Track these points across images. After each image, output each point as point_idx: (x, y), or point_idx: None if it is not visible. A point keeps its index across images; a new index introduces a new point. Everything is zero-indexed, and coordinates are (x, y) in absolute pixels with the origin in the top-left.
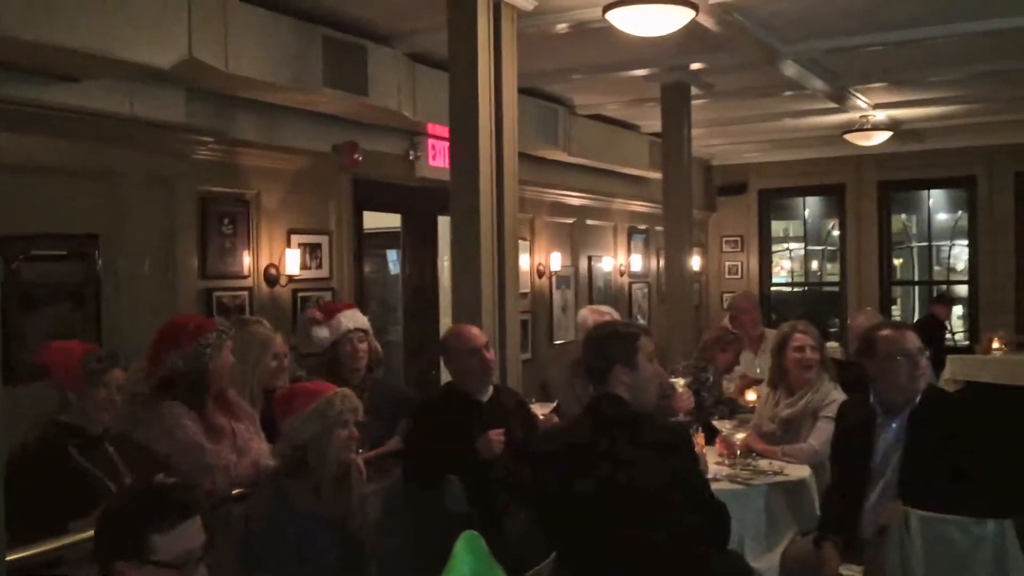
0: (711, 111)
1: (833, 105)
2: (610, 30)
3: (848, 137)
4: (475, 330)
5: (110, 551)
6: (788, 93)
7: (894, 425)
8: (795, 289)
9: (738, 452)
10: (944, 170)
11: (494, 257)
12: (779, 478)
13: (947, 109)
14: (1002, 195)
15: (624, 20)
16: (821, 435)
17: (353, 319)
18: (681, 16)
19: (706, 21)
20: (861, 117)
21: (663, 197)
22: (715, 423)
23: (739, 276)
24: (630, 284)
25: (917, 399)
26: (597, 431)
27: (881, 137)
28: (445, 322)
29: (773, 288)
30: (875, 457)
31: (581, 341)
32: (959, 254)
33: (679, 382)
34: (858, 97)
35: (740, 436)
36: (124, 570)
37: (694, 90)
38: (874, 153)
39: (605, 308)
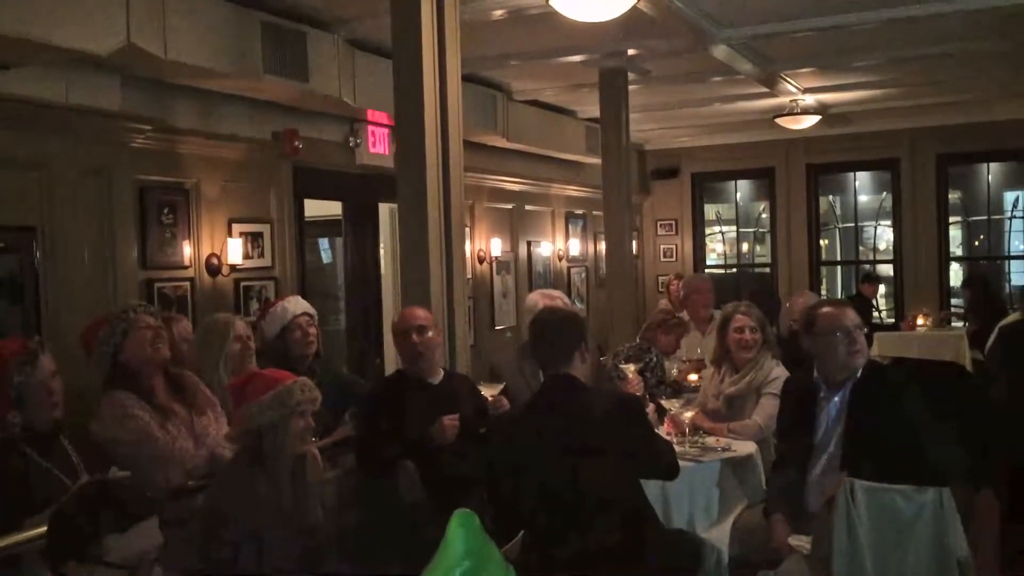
0: (645, 96)
1: (764, 90)
2: (548, 16)
3: (779, 121)
4: (414, 311)
5: (62, 550)
6: (721, 78)
7: (836, 399)
8: (728, 271)
9: (686, 431)
10: (869, 152)
11: (441, 244)
12: (727, 454)
13: (872, 93)
14: (924, 176)
15: (568, 5)
16: (764, 412)
17: (297, 304)
18: (624, 1)
19: (644, 6)
20: (791, 101)
21: (602, 182)
22: (663, 402)
23: (674, 259)
24: (568, 268)
25: (858, 373)
26: (557, 412)
27: (810, 121)
28: (387, 309)
29: (707, 270)
30: (818, 431)
31: (530, 324)
32: (882, 234)
33: (630, 368)
34: (788, 82)
35: (688, 415)
36: (76, 570)
37: (631, 76)
38: (802, 137)
39: (556, 292)
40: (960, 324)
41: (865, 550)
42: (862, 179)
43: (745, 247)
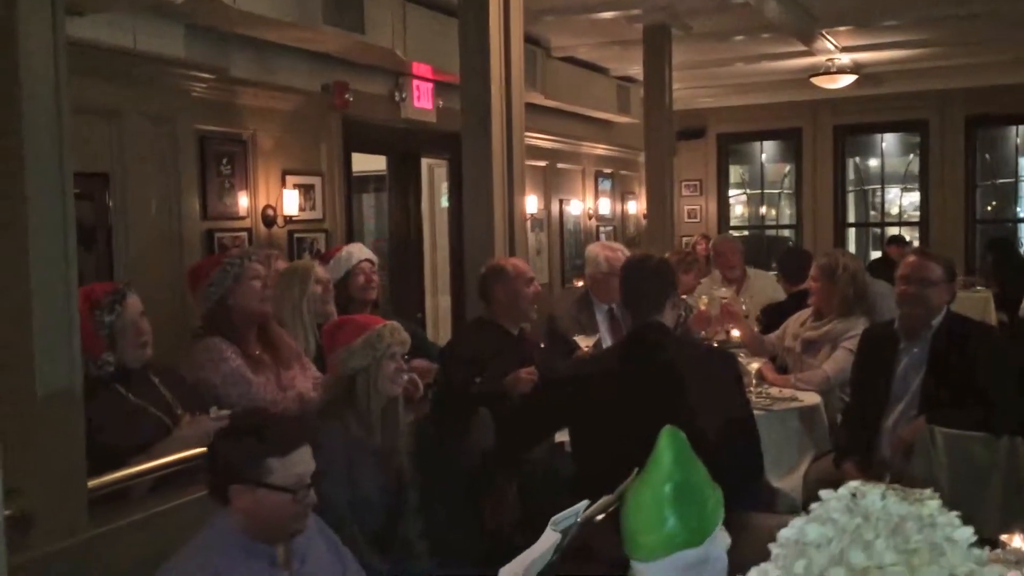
0: (679, 55)
1: (801, 48)
2: None
3: (814, 80)
4: (520, 262)
5: (227, 474)
6: (761, 35)
7: (916, 350)
8: (751, 232)
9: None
10: (898, 114)
11: (505, 200)
12: (795, 404)
13: (906, 53)
14: (953, 138)
15: None
16: (836, 363)
17: (362, 250)
18: None
19: None
20: (827, 60)
21: (645, 141)
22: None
23: (698, 220)
24: (597, 227)
25: (934, 323)
26: (649, 359)
27: (846, 80)
28: (429, 264)
29: (731, 231)
30: (895, 380)
31: (622, 269)
32: (908, 197)
33: (703, 299)
34: (827, 39)
35: (755, 365)
36: (239, 492)
37: (673, 32)
38: (830, 98)
39: (616, 244)
40: (983, 287)
41: (945, 495)
42: (889, 141)
43: (763, 210)
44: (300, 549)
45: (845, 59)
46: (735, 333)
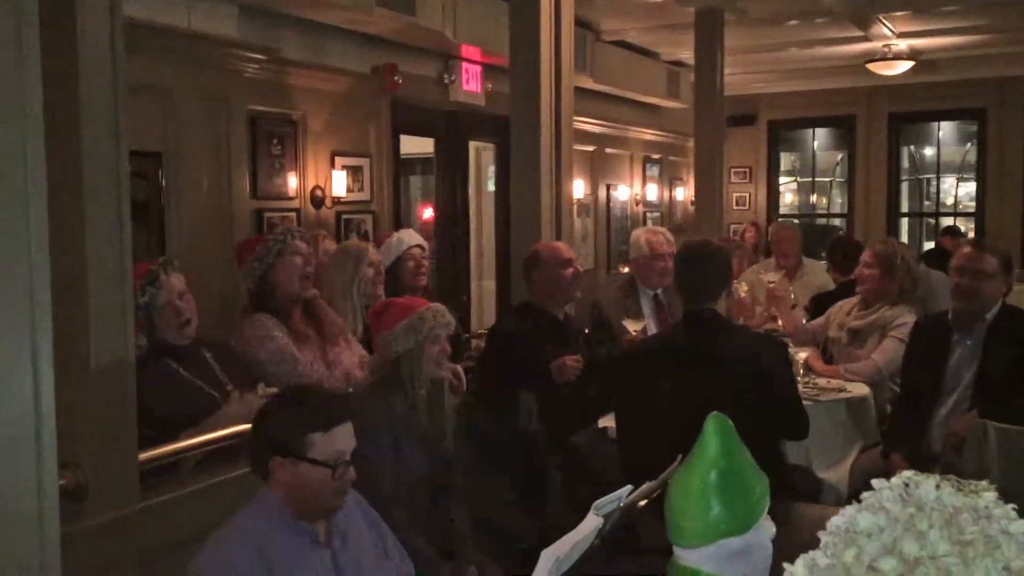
0: (731, 39)
1: (857, 33)
2: None
3: (871, 66)
4: (561, 246)
5: (268, 447)
6: (816, 19)
7: (969, 342)
8: (801, 220)
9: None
10: (955, 102)
11: (552, 185)
12: (843, 395)
13: (965, 39)
14: (1011, 127)
15: None
16: (886, 353)
17: (412, 236)
18: None
19: None
20: (884, 46)
21: (694, 126)
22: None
23: (747, 207)
24: (644, 213)
25: (988, 316)
26: (703, 346)
27: (903, 67)
28: (474, 247)
29: (780, 219)
30: (947, 373)
31: (680, 253)
32: (964, 187)
33: (742, 287)
34: (884, 24)
35: (802, 355)
36: (280, 466)
37: (727, 16)
38: (885, 84)
39: (659, 228)
40: None
41: (996, 490)
42: (945, 129)
43: (813, 198)
44: (340, 526)
45: (902, 45)
46: (781, 322)
